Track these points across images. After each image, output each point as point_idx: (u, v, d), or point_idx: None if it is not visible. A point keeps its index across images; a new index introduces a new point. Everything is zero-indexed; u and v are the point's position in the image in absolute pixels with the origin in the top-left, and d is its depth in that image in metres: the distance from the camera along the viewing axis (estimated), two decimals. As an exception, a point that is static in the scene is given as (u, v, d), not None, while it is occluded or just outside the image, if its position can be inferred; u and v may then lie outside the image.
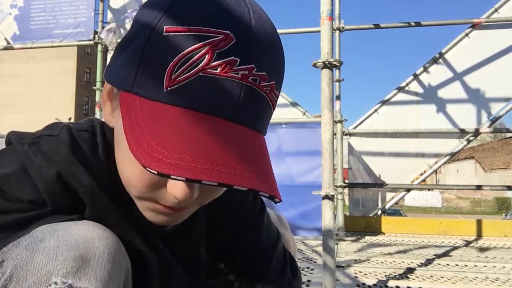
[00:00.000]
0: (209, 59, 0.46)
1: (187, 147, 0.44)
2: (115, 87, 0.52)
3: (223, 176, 0.44)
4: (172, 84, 0.46)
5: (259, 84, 0.49)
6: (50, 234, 0.48)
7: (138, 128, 0.46)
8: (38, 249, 0.47)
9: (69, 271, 0.46)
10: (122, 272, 0.52)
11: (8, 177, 0.51)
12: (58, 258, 0.46)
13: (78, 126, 0.59)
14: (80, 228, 0.49)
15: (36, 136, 0.56)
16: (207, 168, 0.44)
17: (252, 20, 0.48)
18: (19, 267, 0.46)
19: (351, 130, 4.86)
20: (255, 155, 0.49)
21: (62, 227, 0.49)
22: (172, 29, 0.46)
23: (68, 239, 0.47)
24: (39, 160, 0.53)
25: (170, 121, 0.46)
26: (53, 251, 0.46)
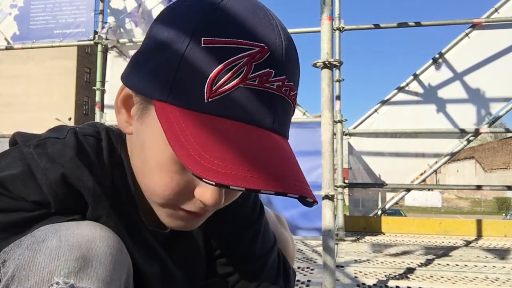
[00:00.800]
0: (248, 71, 0.47)
1: (237, 157, 0.45)
2: (146, 96, 0.51)
3: (278, 185, 0.45)
4: (214, 95, 0.47)
5: (289, 94, 0.51)
6: (52, 234, 0.48)
7: (185, 139, 0.46)
8: (40, 249, 0.47)
9: (71, 271, 0.46)
10: (123, 272, 0.52)
11: (14, 178, 0.51)
12: (60, 258, 0.46)
13: (84, 130, 0.59)
14: (82, 228, 0.50)
15: (42, 138, 0.56)
16: (261, 177, 0.45)
17: (280, 33, 0.50)
18: (21, 267, 0.46)
19: (351, 130, 4.86)
20: (293, 162, 0.51)
21: (64, 227, 0.50)
22: (211, 41, 0.47)
23: (70, 239, 0.47)
24: (44, 162, 0.53)
25: (214, 131, 0.47)
26: (55, 251, 0.46)
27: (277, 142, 0.50)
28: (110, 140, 0.60)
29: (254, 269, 0.71)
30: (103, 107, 5.12)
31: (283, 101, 0.50)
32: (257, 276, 0.71)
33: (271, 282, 0.72)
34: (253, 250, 0.71)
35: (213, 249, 0.71)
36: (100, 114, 4.94)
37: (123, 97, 0.55)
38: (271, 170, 0.46)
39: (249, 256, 0.71)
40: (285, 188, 0.45)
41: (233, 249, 0.71)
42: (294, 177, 0.48)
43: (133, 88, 0.53)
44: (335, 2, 4.55)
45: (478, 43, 4.60)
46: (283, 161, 0.49)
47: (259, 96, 0.48)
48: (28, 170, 0.52)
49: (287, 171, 0.48)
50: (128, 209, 0.58)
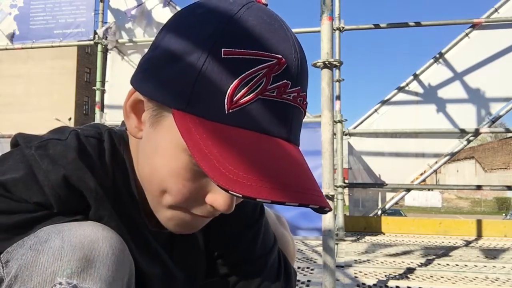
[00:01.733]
0: (267, 83, 0.48)
1: (260, 168, 0.46)
2: (163, 104, 0.51)
3: (300, 197, 0.46)
4: (234, 106, 0.47)
5: (302, 103, 0.53)
6: (55, 235, 0.48)
7: (207, 150, 0.46)
8: (43, 249, 0.47)
9: (74, 272, 0.46)
10: (126, 273, 0.52)
11: (16, 180, 0.52)
12: (63, 259, 0.46)
13: (85, 132, 0.59)
14: (85, 229, 0.50)
15: (43, 140, 0.56)
16: (286, 189, 0.46)
17: (295, 44, 0.51)
18: (24, 267, 0.46)
19: (351, 130, 4.86)
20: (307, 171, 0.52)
21: (67, 227, 0.50)
22: (230, 52, 0.48)
23: (72, 240, 0.48)
24: (46, 164, 0.53)
25: (236, 142, 0.47)
26: (58, 251, 0.47)
27: (293, 151, 0.51)
28: (113, 141, 0.60)
29: (254, 269, 0.71)
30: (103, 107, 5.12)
31: (298, 111, 0.52)
32: (258, 276, 0.71)
33: (272, 282, 0.72)
34: (254, 250, 0.71)
35: (214, 249, 0.71)
36: (100, 114, 4.94)
37: (132, 102, 0.55)
38: (292, 182, 0.47)
39: (250, 256, 0.71)
40: (307, 200, 0.47)
41: (234, 250, 0.71)
42: (311, 187, 0.49)
43: (147, 95, 0.53)
44: (335, 2, 4.55)
45: (478, 43, 4.60)
46: (300, 172, 0.50)
47: (277, 107, 0.49)
48: (30, 172, 0.52)
49: (305, 182, 0.49)
50: (129, 210, 0.58)
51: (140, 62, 0.56)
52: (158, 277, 0.63)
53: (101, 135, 0.60)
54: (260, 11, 0.51)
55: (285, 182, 0.46)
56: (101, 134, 0.60)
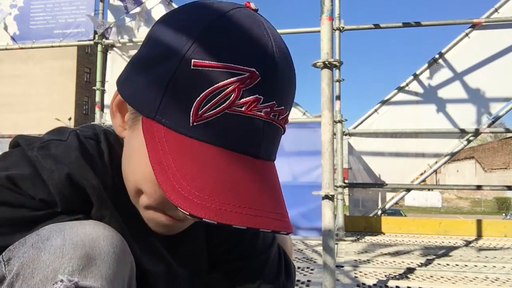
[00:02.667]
0: (236, 97, 0.47)
1: (215, 186, 0.46)
2: (137, 110, 0.52)
3: (251, 220, 0.46)
4: (199, 120, 0.47)
5: (277, 119, 0.50)
6: (56, 233, 0.49)
7: (166, 162, 0.47)
8: (45, 247, 0.47)
9: (75, 269, 0.46)
10: (126, 271, 0.53)
11: (23, 177, 0.52)
12: (64, 257, 0.46)
13: (84, 133, 0.60)
14: (86, 227, 0.50)
15: (44, 141, 0.56)
16: (236, 212, 0.45)
17: (275, 53, 0.49)
18: (25, 265, 0.47)
19: (351, 130, 4.86)
20: (274, 190, 0.51)
21: (68, 226, 0.50)
22: (201, 63, 0.47)
23: (74, 238, 0.48)
24: (49, 164, 0.54)
25: (196, 156, 0.47)
26: (59, 249, 0.47)
27: (261, 169, 0.50)
28: (109, 142, 0.60)
29: (256, 265, 0.71)
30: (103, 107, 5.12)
31: (270, 127, 0.50)
32: (260, 271, 0.72)
33: (274, 276, 0.73)
34: (255, 246, 0.71)
35: (215, 246, 0.71)
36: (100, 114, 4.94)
37: (118, 102, 0.56)
38: (247, 203, 0.47)
39: (252, 252, 0.71)
40: (258, 224, 0.46)
41: (236, 247, 0.71)
42: (272, 209, 0.48)
43: (126, 100, 0.53)
44: (335, 2, 4.55)
45: (478, 43, 4.60)
46: (263, 192, 0.49)
47: (245, 123, 0.48)
48: (35, 171, 0.53)
49: (265, 203, 0.48)
50: (129, 209, 0.58)
51: (128, 63, 0.56)
52: (161, 275, 0.63)
53: (98, 136, 0.60)
54: (243, 18, 0.50)
55: (238, 203, 0.46)
56: (97, 135, 0.61)
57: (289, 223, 0.50)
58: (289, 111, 0.52)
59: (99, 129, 0.62)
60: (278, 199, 0.51)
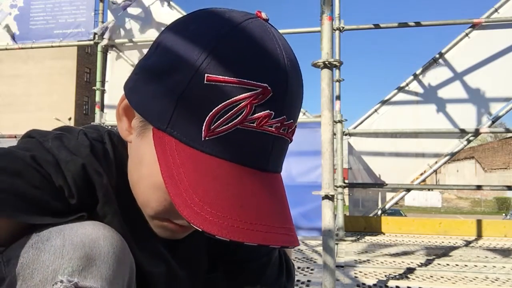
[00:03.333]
0: (248, 112, 0.47)
1: (227, 202, 0.46)
2: (146, 119, 0.51)
3: (262, 236, 0.46)
4: (211, 135, 0.47)
5: (286, 132, 0.51)
6: (56, 233, 0.49)
7: (177, 176, 0.47)
8: (45, 247, 0.47)
9: (75, 270, 0.46)
10: (126, 271, 0.53)
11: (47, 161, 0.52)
12: (64, 257, 0.47)
13: (90, 134, 0.60)
14: (86, 228, 0.50)
15: (58, 133, 0.57)
16: (248, 228, 0.46)
17: (286, 67, 0.49)
18: (25, 266, 0.47)
19: (351, 130, 4.86)
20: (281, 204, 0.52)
21: (68, 226, 0.50)
22: (215, 78, 0.46)
23: (74, 239, 0.48)
24: (64, 155, 0.54)
25: (208, 171, 0.47)
26: (59, 250, 0.47)
27: (269, 182, 0.51)
28: (113, 143, 0.60)
29: (258, 266, 0.72)
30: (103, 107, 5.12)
31: (280, 141, 0.50)
32: (262, 273, 0.72)
33: (275, 277, 0.73)
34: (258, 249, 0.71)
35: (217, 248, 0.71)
36: (100, 114, 4.94)
37: (125, 106, 0.55)
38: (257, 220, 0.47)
39: (254, 254, 0.72)
40: (268, 240, 0.47)
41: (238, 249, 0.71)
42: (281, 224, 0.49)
43: (134, 107, 0.53)
44: (335, 2, 4.55)
45: (478, 43, 4.60)
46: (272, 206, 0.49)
47: (256, 138, 0.48)
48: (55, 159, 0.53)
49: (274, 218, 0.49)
50: (131, 211, 0.59)
51: (135, 67, 0.55)
52: (161, 276, 0.63)
53: (103, 138, 0.60)
54: (256, 30, 0.49)
55: (249, 220, 0.46)
56: (102, 136, 0.61)
57: (296, 237, 0.50)
58: (296, 123, 0.53)
59: (102, 130, 0.62)
60: (285, 213, 0.51)
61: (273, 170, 0.52)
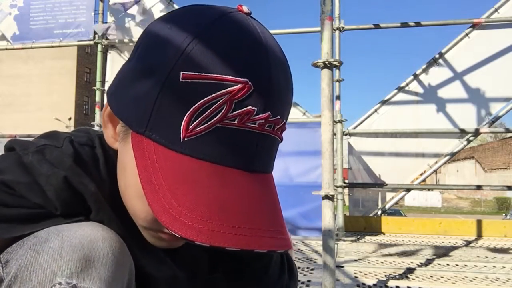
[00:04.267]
0: (227, 110, 0.44)
1: (207, 206, 0.44)
2: (126, 124, 0.50)
3: (245, 241, 0.44)
4: (190, 135, 0.45)
5: (273, 129, 0.48)
6: (54, 235, 0.48)
7: (156, 180, 0.45)
8: (43, 249, 0.47)
9: (74, 272, 0.46)
10: (125, 273, 0.52)
11: (17, 182, 0.51)
12: (62, 259, 0.46)
13: (78, 139, 0.58)
14: (84, 229, 0.50)
15: (39, 145, 0.55)
16: (230, 232, 0.44)
17: (270, 61, 0.47)
18: (23, 267, 0.46)
19: (351, 130, 4.86)
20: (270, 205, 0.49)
21: (66, 228, 0.50)
22: (190, 75, 0.45)
23: (72, 240, 0.48)
24: (46, 169, 0.53)
25: (187, 173, 0.45)
26: (57, 251, 0.46)
27: (255, 184, 0.48)
28: (104, 148, 0.59)
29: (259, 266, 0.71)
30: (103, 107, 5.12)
31: (265, 139, 0.48)
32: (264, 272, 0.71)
33: (277, 277, 0.72)
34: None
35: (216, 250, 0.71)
36: (100, 114, 4.94)
37: (109, 113, 0.54)
38: (241, 223, 0.45)
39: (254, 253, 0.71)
40: (252, 245, 0.44)
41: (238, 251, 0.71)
42: (268, 226, 0.47)
43: (114, 113, 0.52)
44: (335, 2, 4.55)
45: (478, 43, 4.60)
46: (258, 209, 0.47)
47: (238, 136, 0.46)
48: (30, 177, 0.52)
49: (260, 221, 0.46)
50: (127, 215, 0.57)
51: (118, 71, 0.54)
52: (161, 278, 0.63)
53: (93, 142, 0.59)
54: (234, 25, 0.48)
55: (231, 223, 0.44)
56: (92, 140, 0.59)
57: (286, 240, 0.48)
58: (285, 120, 0.50)
59: (93, 133, 0.61)
60: (274, 214, 0.49)
61: (261, 170, 0.49)
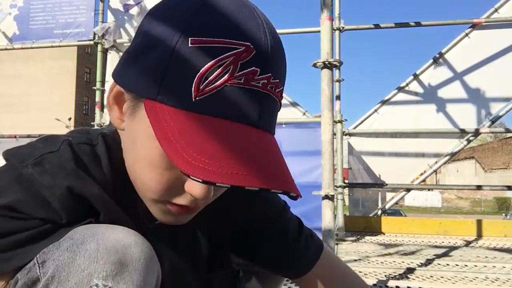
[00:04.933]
0: (234, 70, 0.48)
1: (223, 154, 0.47)
2: (137, 94, 0.52)
3: (261, 182, 0.47)
4: (201, 94, 0.48)
5: (274, 91, 0.52)
6: (89, 238, 0.50)
7: (173, 137, 0.48)
8: (80, 251, 0.48)
9: (109, 274, 0.47)
10: (154, 279, 0.54)
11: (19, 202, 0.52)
12: (99, 261, 0.48)
13: (76, 139, 0.59)
14: (118, 234, 0.51)
15: (37, 156, 0.55)
16: (247, 174, 0.47)
17: (266, 31, 0.51)
18: (61, 268, 0.48)
19: (351, 130, 4.86)
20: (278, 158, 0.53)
21: (100, 231, 0.51)
22: (197, 41, 0.48)
23: (107, 244, 0.49)
24: (47, 180, 0.53)
25: (202, 129, 0.49)
26: (94, 254, 0.48)
27: (263, 138, 0.52)
28: (107, 144, 0.60)
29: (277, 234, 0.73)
30: (103, 107, 5.12)
31: (268, 98, 0.52)
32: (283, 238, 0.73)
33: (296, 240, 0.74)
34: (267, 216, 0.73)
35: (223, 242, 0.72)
36: (100, 114, 4.94)
37: (115, 94, 0.56)
38: (255, 166, 0.48)
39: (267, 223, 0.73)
40: (268, 184, 0.47)
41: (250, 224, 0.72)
42: (279, 172, 0.50)
43: (124, 86, 0.54)
44: (335, 2, 4.55)
45: (478, 43, 4.60)
46: (268, 157, 0.51)
47: (245, 94, 0.49)
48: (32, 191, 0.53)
49: (272, 167, 0.50)
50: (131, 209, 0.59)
51: (122, 55, 0.57)
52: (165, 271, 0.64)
53: (92, 140, 0.60)
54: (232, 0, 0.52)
55: (247, 167, 0.47)
56: (91, 139, 0.60)
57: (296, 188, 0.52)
58: (283, 86, 0.55)
59: (94, 132, 0.62)
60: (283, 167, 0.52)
61: (265, 128, 0.53)
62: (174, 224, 0.59)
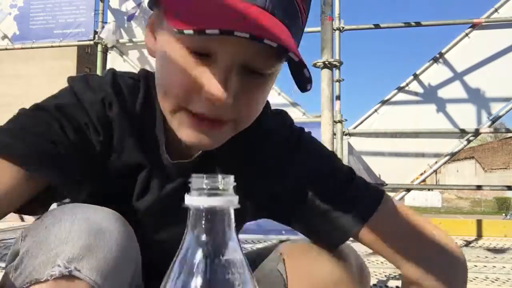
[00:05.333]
0: None
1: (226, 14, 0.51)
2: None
3: (253, 28, 0.50)
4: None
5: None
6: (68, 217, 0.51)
7: (200, 8, 0.53)
8: (54, 230, 0.50)
9: (75, 258, 0.48)
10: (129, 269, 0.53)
11: (69, 104, 0.64)
12: (68, 243, 0.48)
13: (123, 72, 0.70)
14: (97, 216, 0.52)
15: (85, 74, 0.70)
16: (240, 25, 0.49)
17: None
18: (35, 244, 0.50)
19: (351, 130, 4.85)
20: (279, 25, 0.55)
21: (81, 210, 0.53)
22: None
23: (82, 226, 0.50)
24: (89, 96, 0.65)
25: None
26: (65, 235, 0.49)
27: (272, 19, 0.54)
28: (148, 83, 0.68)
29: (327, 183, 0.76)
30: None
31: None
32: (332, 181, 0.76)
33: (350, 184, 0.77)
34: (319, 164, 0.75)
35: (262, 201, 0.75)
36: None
37: (149, 24, 0.66)
38: (254, 24, 0.51)
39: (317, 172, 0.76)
40: (261, 33, 0.49)
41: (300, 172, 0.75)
42: (278, 32, 0.52)
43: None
44: (335, 2, 4.55)
45: (478, 43, 4.59)
46: (267, 21, 0.53)
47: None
48: (78, 100, 0.65)
49: (270, 27, 0.52)
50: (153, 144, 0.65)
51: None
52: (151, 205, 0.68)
53: (139, 77, 0.69)
54: None
55: (245, 23, 0.50)
56: (138, 76, 0.69)
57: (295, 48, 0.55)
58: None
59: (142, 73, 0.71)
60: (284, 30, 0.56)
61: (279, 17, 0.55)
62: (199, 145, 0.60)
